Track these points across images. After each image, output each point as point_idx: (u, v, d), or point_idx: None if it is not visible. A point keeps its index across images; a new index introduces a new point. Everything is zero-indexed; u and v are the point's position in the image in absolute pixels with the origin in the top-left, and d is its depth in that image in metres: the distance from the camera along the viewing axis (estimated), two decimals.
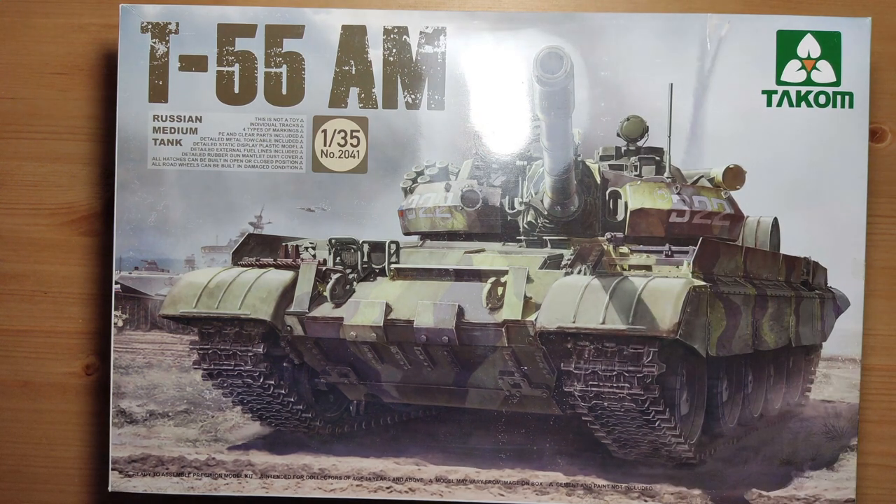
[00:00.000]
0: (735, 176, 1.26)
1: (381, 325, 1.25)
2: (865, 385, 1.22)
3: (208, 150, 1.19)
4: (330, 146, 1.20)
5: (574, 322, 1.16)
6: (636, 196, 1.35)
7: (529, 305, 1.21)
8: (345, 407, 1.40)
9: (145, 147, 1.19)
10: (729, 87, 1.18)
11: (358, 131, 1.20)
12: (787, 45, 1.16)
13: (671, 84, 1.19)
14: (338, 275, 1.30)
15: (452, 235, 1.39)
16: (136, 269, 1.21)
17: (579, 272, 1.24)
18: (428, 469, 1.23)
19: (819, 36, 1.15)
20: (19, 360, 1.29)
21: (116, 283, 1.19)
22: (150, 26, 1.19)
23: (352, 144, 1.20)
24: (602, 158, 1.41)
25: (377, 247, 1.31)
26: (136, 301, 1.25)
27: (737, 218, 1.40)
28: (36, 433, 1.29)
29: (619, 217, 1.36)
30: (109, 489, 1.19)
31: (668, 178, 1.37)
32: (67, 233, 1.28)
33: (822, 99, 1.17)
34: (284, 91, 1.20)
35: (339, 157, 1.20)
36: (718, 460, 1.28)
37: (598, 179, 1.36)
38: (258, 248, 1.35)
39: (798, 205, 1.20)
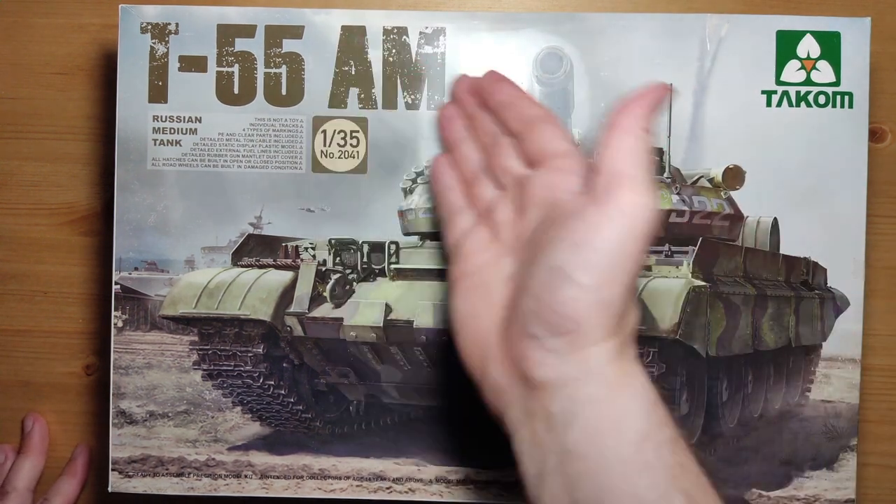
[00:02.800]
0: (734, 176, 1.26)
1: (381, 325, 1.25)
2: (865, 385, 1.22)
3: (208, 150, 1.19)
4: (330, 146, 1.20)
5: None
6: None
7: None
8: (345, 407, 1.40)
9: (145, 147, 1.18)
10: (728, 87, 1.18)
11: (358, 132, 1.20)
12: (786, 45, 1.16)
13: (671, 84, 1.19)
14: (337, 275, 1.30)
15: None
16: (136, 269, 1.20)
17: None
18: (428, 469, 1.23)
19: (819, 36, 1.15)
20: (19, 360, 1.29)
21: (116, 283, 1.19)
22: (149, 27, 1.18)
23: (351, 145, 1.20)
24: None
25: (377, 247, 1.30)
26: (136, 301, 1.24)
27: (736, 218, 1.40)
28: None
29: None
30: (109, 489, 1.19)
31: (667, 178, 1.37)
32: (67, 233, 1.28)
33: (821, 99, 1.16)
34: (284, 91, 1.20)
35: (339, 157, 1.20)
36: (718, 460, 1.28)
37: None
38: (258, 249, 1.34)
39: (798, 205, 1.19)
